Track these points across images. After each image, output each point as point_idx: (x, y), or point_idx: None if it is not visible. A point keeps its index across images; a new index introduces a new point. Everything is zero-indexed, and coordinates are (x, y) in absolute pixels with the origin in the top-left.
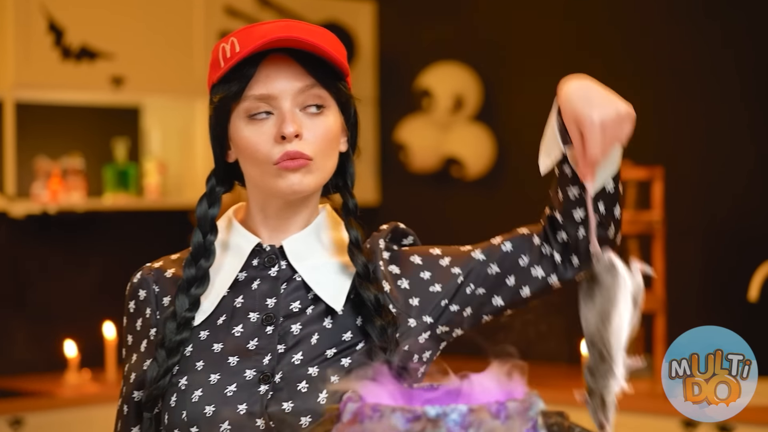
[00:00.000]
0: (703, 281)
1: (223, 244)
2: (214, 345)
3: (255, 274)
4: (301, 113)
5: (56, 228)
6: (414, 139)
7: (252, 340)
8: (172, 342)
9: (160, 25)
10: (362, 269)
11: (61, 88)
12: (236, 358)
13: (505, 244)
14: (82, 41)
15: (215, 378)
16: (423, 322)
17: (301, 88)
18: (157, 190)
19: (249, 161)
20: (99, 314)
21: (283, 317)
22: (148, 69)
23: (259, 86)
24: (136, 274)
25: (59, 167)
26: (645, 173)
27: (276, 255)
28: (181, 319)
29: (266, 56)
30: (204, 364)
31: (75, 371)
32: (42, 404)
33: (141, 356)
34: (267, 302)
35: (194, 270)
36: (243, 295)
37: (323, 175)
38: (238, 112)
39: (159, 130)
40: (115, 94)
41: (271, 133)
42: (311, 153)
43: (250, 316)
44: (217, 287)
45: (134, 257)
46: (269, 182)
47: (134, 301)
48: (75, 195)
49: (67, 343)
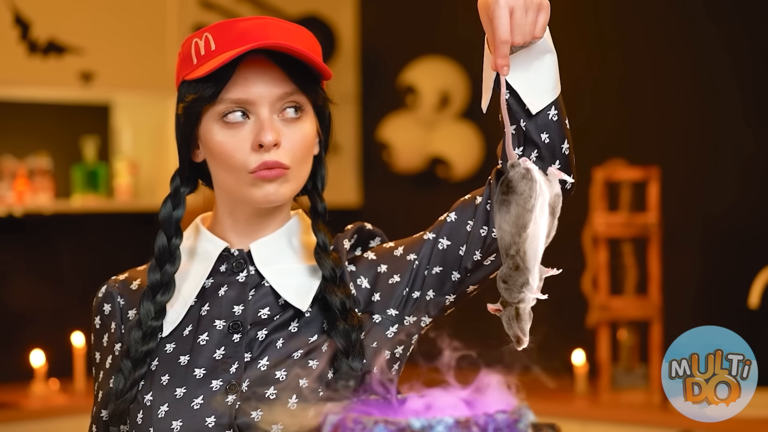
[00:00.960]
0: (701, 287)
1: (190, 251)
2: (180, 358)
3: (222, 280)
4: (278, 119)
5: (22, 231)
6: (398, 137)
7: (218, 349)
8: (138, 353)
9: (131, 17)
10: (329, 273)
11: (27, 84)
12: (202, 370)
13: (449, 215)
14: (49, 35)
15: (181, 392)
16: (388, 315)
17: (280, 95)
18: (128, 191)
19: (222, 167)
20: (67, 322)
21: (250, 324)
22: (119, 64)
23: (237, 90)
24: (101, 287)
25: (25, 167)
26: (640, 174)
27: (244, 260)
28: (147, 329)
29: (244, 58)
30: (169, 378)
31: (42, 381)
32: (7, 416)
33: (107, 373)
34: (234, 309)
35: (159, 275)
36: (209, 302)
37: (298, 182)
38: (212, 114)
39: (130, 128)
40: (84, 91)
41: (248, 140)
42: (289, 162)
43: (216, 324)
44: (184, 296)
45: (104, 262)
46: (243, 190)
47: (99, 316)
48: (42, 196)
49: (34, 352)
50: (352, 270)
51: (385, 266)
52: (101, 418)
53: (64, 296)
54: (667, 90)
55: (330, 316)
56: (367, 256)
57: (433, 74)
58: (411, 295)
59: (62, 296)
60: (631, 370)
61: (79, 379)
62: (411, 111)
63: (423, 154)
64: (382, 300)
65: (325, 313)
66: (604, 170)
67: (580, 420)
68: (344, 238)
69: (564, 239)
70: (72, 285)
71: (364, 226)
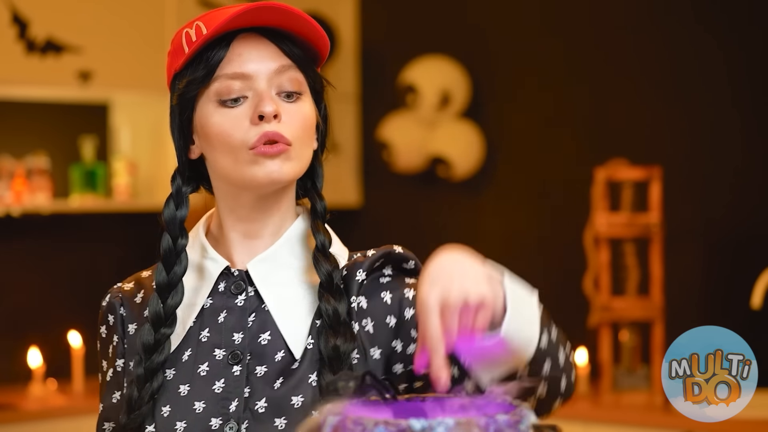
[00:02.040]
0: (704, 287)
1: (194, 266)
2: (181, 387)
3: (221, 303)
4: (276, 97)
5: (20, 231)
6: (398, 137)
7: (218, 381)
8: (152, 363)
9: (130, 16)
10: (325, 278)
11: (25, 84)
12: (202, 404)
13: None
14: (47, 34)
15: (181, 426)
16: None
17: (277, 68)
18: (126, 191)
19: (220, 150)
20: (65, 322)
21: (250, 354)
22: (118, 63)
23: (232, 65)
24: (105, 297)
25: (23, 167)
26: (642, 174)
27: (244, 281)
28: (160, 336)
29: (236, 37)
30: (170, 410)
31: (40, 382)
32: (5, 417)
33: (110, 386)
34: (234, 337)
35: (166, 276)
36: (209, 328)
37: (301, 164)
38: (207, 96)
39: (129, 127)
40: (82, 90)
41: (246, 116)
42: (290, 137)
43: (216, 353)
44: (183, 316)
45: (102, 262)
46: (244, 171)
47: (105, 326)
48: (40, 196)
49: (32, 352)
50: (362, 308)
51: (394, 320)
52: (104, 430)
53: (62, 297)
54: (669, 90)
55: (321, 327)
56: (383, 297)
57: (433, 73)
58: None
59: (60, 297)
60: (632, 371)
61: (77, 379)
62: (411, 110)
63: (423, 154)
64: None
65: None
66: (605, 170)
67: (581, 421)
68: (364, 265)
69: (566, 239)
70: (70, 285)
71: (392, 250)
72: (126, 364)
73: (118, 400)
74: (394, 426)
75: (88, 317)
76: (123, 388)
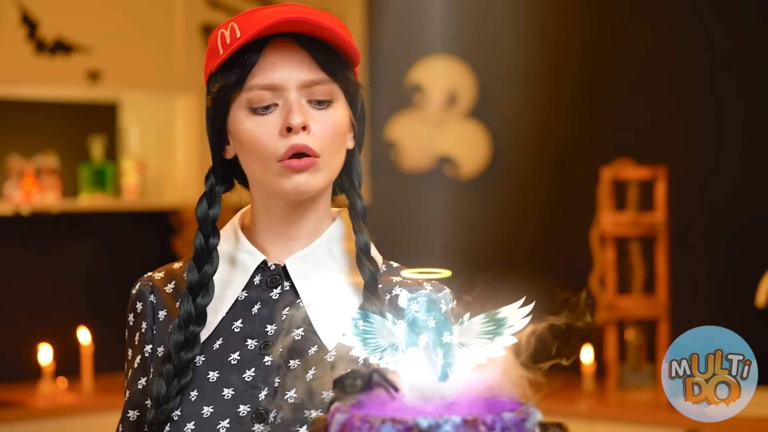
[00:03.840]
0: (708, 286)
1: (229, 258)
2: (210, 373)
3: (256, 295)
4: (307, 105)
5: (30, 230)
6: (405, 136)
7: (248, 370)
8: (181, 360)
9: (138, 16)
10: (369, 279)
11: (34, 83)
12: (231, 391)
13: None
14: (56, 34)
15: (208, 411)
16: None
17: (308, 79)
18: (135, 190)
19: (251, 157)
20: (74, 320)
21: (282, 347)
22: (126, 63)
23: (264, 75)
24: (135, 285)
25: (33, 166)
26: (647, 173)
27: (279, 275)
28: (189, 334)
29: (269, 42)
30: (198, 395)
31: (49, 380)
32: (14, 415)
33: (136, 373)
34: (267, 329)
35: (197, 276)
36: (242, 318)
37: (331, 173)
38: (240, 102)
39: (137, 127)
40: (91, 90)
41: (276, 125)
42: (318, 149)
43: (248, 343)
44: (215, 306)
45: (111, 260)
46: (272, 181)
47: (133, 314)
48: (49, 195)
49: (42, 350)
50: None
51: None
52: (128, 418)
53: (71, 295)
54: (675, 90)
55: None
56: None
57: (440, 73)
58: None
59: (69, 295)
60: (638, 369)
61: (86, 377)
62: (418, 110)
63: (430, 153)
64: None
65: None
66: (611, 169)
67: (587, 419)
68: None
69: (572, 238)
70: (79, 283)
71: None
72: (154, 350)
73: (144, 385)
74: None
75: (97, 314)
76: (149, 374)
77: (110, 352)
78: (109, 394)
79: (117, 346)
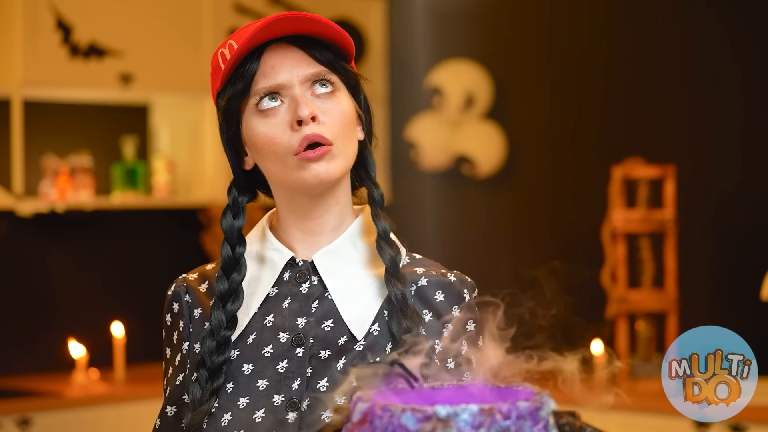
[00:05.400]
0: (716, 280)
1: (258, 257)
2: (245, 366)
3: (287, 290)
4: (312, 98)
5: (64, 227)
6: (424, 137)
7: (281, 361)
8: (213, 363)
9: (168, 22)
10: (390, 263)
11: (69, 86)
12: (265, 382)
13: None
14: (90, 39)
15: (244, 402)
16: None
17: (309, 73)
18: (165, 188)
19: (269, 157)
20: (107, 314)
21: (312, 338)
22: (157, 66)
23: (267, 78)
24: (171, 286)
25: (67, 165)
26: (657, 171)
27: (308, 270)
28: (221, 338)
29: (267, 49)
30: (234, 387)
31: (83, 371)
32: (50, 404)
33: (176, 370)
34: (298, 321)
35: (226, 284)
36: (274, 313)
37: (347, 160)
38: (249, 110)
39: (168, 127)
40: (123, 92)
41: (286, 121)
42: (330, 137)
43: (280, 336)
44: (248, 303)
45: (142, 256)
46: (293, 175)
47: (170, 314)
48: (83, 193)
49: (73, 343)
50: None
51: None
52: (166, 414)
53: (104, 289)
54: (684, 93)
55: (391, 309)
56: (424, 315)
57: (458, 76)
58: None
59: (102, 289)
60: (648, 360)
61: (118, 368)
62: (437, 111)
63: (448, 153)
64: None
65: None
66: (622, 168)
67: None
68: (431, 284)
69: (584, 235)
70: (112, 278)
71: (464, 299)
72: (191, 347)
73: (182, 381)
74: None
75: (128, 307)
76: (186, 370)
77: (140, 344)
78: (139, 384)
79: (147, 338)
